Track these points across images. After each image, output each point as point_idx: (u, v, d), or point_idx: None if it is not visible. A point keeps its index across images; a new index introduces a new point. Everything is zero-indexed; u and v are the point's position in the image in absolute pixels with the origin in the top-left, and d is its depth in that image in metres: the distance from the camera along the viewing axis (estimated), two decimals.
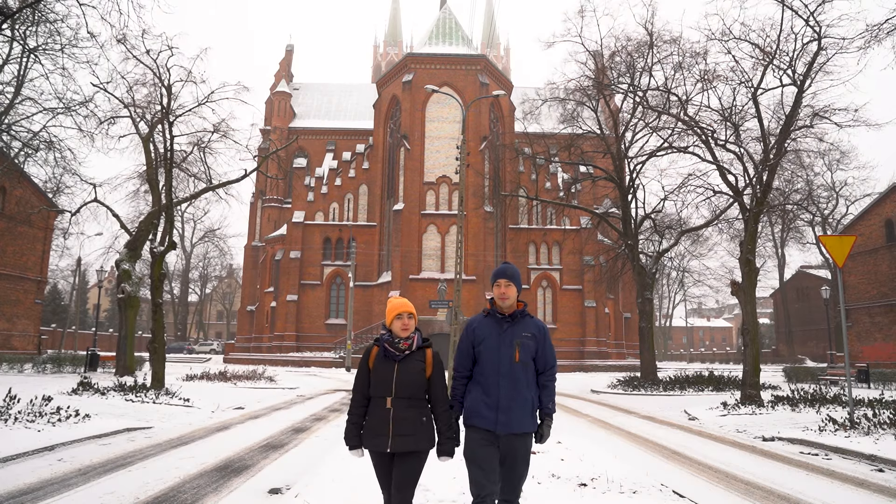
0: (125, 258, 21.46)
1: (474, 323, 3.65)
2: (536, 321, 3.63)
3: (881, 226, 30.15)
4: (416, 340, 3.48)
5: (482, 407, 3.42)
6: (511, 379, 3.43)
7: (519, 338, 3.50)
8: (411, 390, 3.37)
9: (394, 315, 3.51)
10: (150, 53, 17.87)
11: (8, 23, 14.25)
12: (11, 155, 19.85)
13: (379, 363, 3.42)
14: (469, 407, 3.50)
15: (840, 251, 10.50)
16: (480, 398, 3.45)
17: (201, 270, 73.50)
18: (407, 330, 3.47)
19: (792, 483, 6.58)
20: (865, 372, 21.95)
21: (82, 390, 13.40)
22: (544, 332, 3.60)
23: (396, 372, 3.37)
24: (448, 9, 47.06)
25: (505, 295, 3.54)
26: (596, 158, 26.43)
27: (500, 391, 3.41)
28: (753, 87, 15.89)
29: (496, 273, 3.62)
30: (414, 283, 39.18)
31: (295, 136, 42.19)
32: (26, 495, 5.45)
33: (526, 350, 3.47)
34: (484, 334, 3.55)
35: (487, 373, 3.47)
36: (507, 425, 3.38)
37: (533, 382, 3.52)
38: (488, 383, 3.45)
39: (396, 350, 3.43)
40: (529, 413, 3.45)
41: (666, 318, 73.52)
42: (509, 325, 3.54)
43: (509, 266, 3.65)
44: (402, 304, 3.54)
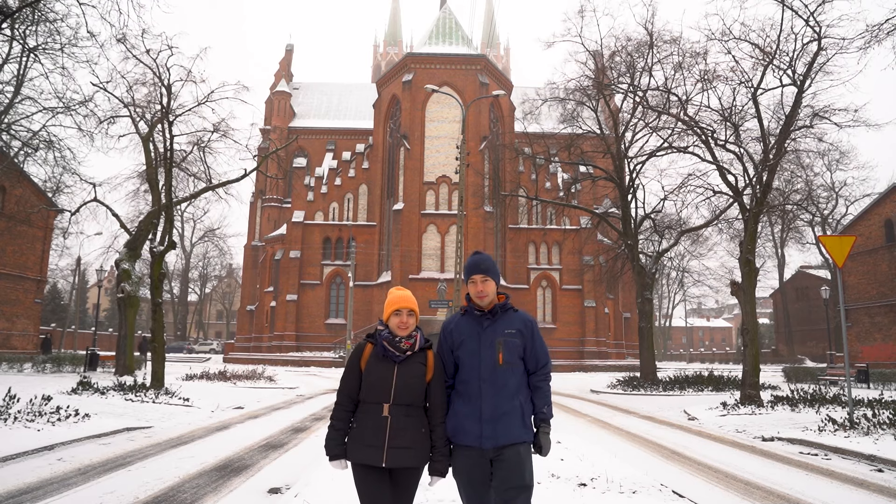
0: (125, 258, 21.44)
1: (451, 324, 3.20)
2: (522, 315, 3.17)
3: (881, 226, 30.17)
4: (418, 340, 3.05)
5: (465, 420, 2.98)
6: (495, 384, 3.00)
7: (501, 336, 3.05)
8: (412, 396, 2.94)
9: (392, 310, 3.06)
10: (149, 53, 17.88)
11: (8, 22, 14.24)
12: (11, 154, 19.85)
13: (374, 364, 2.97)
14: (452, 422, 3.03)
15: (840, 251, 10.50)
16: (462, 410, 3.01)
17: (201, 270, 73.54)
18: (406, 328, 3.03)
19: (791, 483, 6.58)
20: (865, 372, 21.96)
21: (82, 390, 13.41)
22: (532, 326, 3.14)
23: (396, 375, 2.94)
24: (448, 9, 47.08)
25: (483, 293, 3.09)
26: (596, 158, 26.42)
27: (484, 400, 2.98)
28: (753, 88, 15.88)
29: (468, 267, 3.14)
30: (414, 282, 39.18)
31: (295, 135, 42.24)
32: (26, 494, 5.45)
33: (511, 349, 3.04)
34: (462, 335, 3.12)
35: (468, 379, 3.04)
36: (493, 438, 2.92)
37: (523, 386, 3.08)
38: (470, 392, 3.02)
39: (397, 350, 2.99)
40: (520, 421, 2.99)
41: (666, 318, 73.56)
42: (489, 322, 3.09)
43: (483, 257, 3.15)
44: (402, 298, 3.09)
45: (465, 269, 3.15)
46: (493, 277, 3.12)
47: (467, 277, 3.12)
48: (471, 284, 3.13)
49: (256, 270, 49.47)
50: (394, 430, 2.88)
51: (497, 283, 3.14)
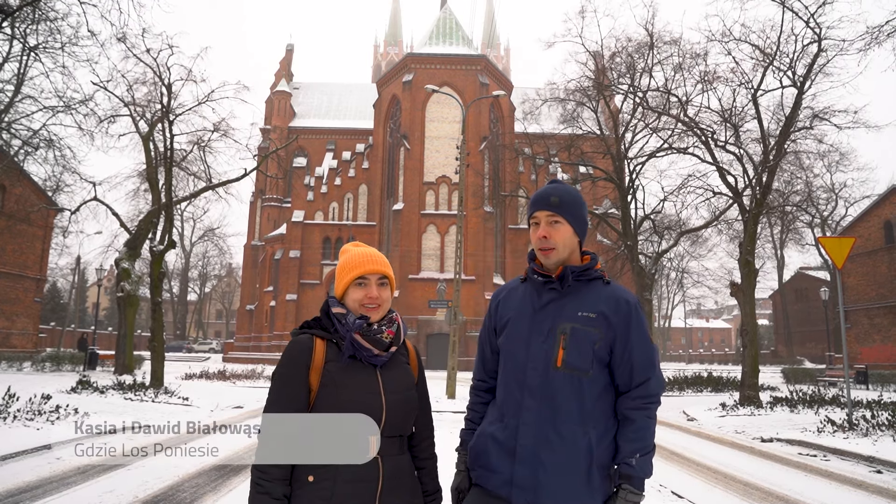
0: (125, 257, 21.43)
1: (502, 292, 2.04)
2: (615, 290, 1.90)
3: (880, 227, 30.18)
4: (401, 327, 1.89)
5: (493, 448, 1.84)
6: (546, 400, 1.80)
7: (568, 320, 1.83)
8: (405, 420, 1.83)
9: (352, 277, 1.82)
10: (150, 52, 17.89)
11: (8, 21, 14.24)
12: (11, 153, 19.84)
13: (342, 374, 1.74)
14: (476, 445, 1.91)
15: (839, 253, 10.52)
16: (492, 431, 1.88)
17: (201, 269, 73.50)
18: (378, 307, 1.82)
19: (790, 484, 6.59)
20: (864, 373, 22.00)
21: (81, 389, 13.42)
22: (629, 311, 1.85)
23: (384, 389, 1.76)
24: (448, 9, 47.09)
25: (548, 242, 1.87)
26: (596, 159, 26.43)
27: (524, 422, 1.80)
28: (753, 89, 15.91)
29: (534, 199, 1.93)
30: (413, 282, 39.21)
31: (295, 135, 42.20)
32: (25, 493, 5.45)
33: (582, 345, 1.81)
34: (509, 311, 1.95)
35: (507, 383, 1.90)
36: (530, 492, 1.75)
37: (601, 412, 1.83)
38: (507, 404, 1.87)
39: (378, 346, 1.79)
40: (582, 472, 1.75)
41: (665, 318, 73.56)
42: (555, 295, 1.88)
43: (560, 187, 1.93)
44: (367, 257, 1.85)
45: (529, 203, 1.98)
46: (572, 220, 1.90)
47: (529, 215, 1.96)
48: (533, 227, 1.94)
49: (256, 270, 49.47)
50: (389, 478, 1.73)
51: (580, 233, 1.93)
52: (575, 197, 1.92)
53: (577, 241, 1.91)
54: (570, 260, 1.90)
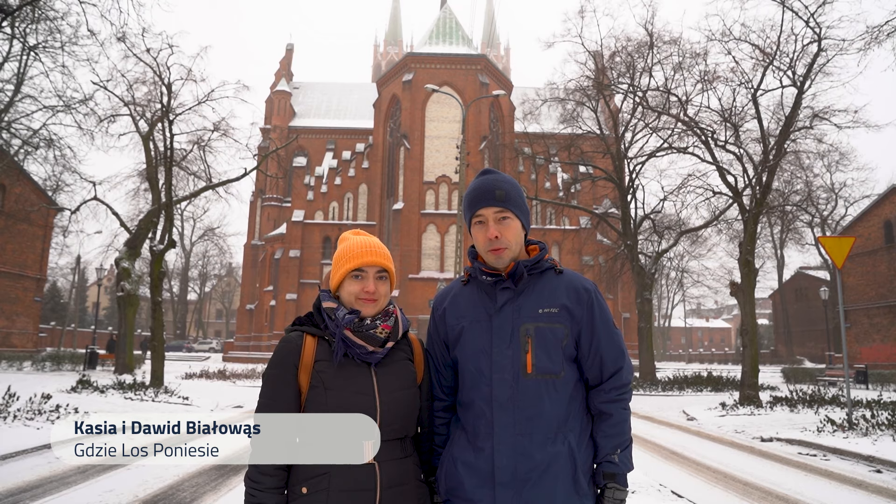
0: (125, 256, 21.42)
1: (444, 300, 1.84)
2: (570, 278, 1.76)
3: (880, 227, 30.18)
4: (399, 320, 1.75)
5: (467, 476, 1.67)
6: (519, 410, 1.66)
7: (530, 320, 1.69)
8: (406, 422, 1.70)
9: (348, 269, 1.71)
10: (150, 52, 17.89)
11: (8, 20, 14.25)
12: (11, 153, 19.83)
13: (333, 374, 1.64)
14: (446, 474, 1.73)
15: (839, 252, 10.51)
16: (463, 457, 1.70)
17: (201, 269, 73.47)
18: (374, 302, 1.70)
19: (790, 483, 6.60)
20: (864, 373, 21.99)
21: (81, 388, 13.42)
22: (590, 298, 1.73)
23: (378, 388, 1.65)
24: (448, 8, 47.09)
25: (499, 241, 1.71)
26: (596, 158, 26.45)
27: (500, 442, 1.65)
28: (753, 88, 15.91)
29: (471, 195, 1.76)
30: (413, 282, 39.22)
31: (295, 134, 42.25)
32: (25, 493, 5.46)
33: (549, 344, 1.68)
34: (461, 320, 1.77)
35: (472, 402, 1.72)
36: None
37: (576, 412, 1.71)
38: (476, 426, 1.70)
39: (371, 342, 1.66)
40: (568, 480, 1.63)
41: (665, 318, 73.57)
42: (510, 295, 1.72)
43: (498, 177, 1.76)
44: (365, 246, 1.74)
45: (466, 199, 1.78)
46: (519, 214, 1.75)
47: (471, 213, 1.75)
48: (477, 226, 1.75)
49: (256, 269, 49.47)
50: (387, 486, 1.60)
51: (525, 225, 1.78)
52: (517, 187, 1.78)
53: (523, 231, 1.78)
54: (519, 254, 1.76)
